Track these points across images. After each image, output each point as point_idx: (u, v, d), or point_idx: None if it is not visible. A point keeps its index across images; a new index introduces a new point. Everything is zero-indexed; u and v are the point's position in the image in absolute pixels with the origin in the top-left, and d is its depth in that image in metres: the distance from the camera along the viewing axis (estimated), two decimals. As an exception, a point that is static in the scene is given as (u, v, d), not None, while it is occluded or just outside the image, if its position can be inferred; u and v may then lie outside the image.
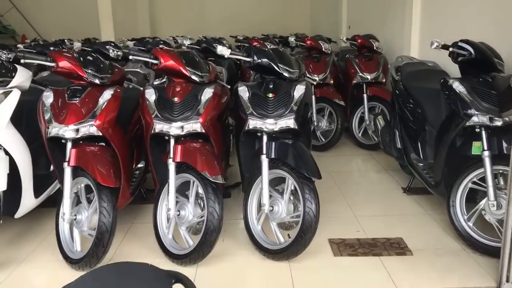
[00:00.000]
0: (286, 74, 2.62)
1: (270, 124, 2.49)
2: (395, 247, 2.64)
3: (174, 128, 2.47)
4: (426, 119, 3.25)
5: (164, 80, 2.92)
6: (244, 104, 2.57)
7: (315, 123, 4.68)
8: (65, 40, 9.04)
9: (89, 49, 4.94)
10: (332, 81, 4.78)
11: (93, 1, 8.18)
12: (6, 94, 2.57)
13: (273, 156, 2.51)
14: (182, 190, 2.62)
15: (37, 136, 2.69)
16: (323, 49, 4.82)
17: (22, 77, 2.67)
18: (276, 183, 2.66)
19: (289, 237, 2.50)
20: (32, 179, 2.74)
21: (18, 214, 2.77)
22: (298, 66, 2.72)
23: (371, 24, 6.19)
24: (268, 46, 4.86)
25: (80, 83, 2.59)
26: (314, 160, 2.49)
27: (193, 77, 2.61)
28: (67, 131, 2.42)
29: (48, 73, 3.57)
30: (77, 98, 2.49)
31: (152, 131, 2.52)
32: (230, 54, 2.63)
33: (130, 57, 2.56)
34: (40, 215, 3.10)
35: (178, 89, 2.57)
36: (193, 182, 2.51)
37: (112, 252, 2.67)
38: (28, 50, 5.09)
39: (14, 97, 2.57)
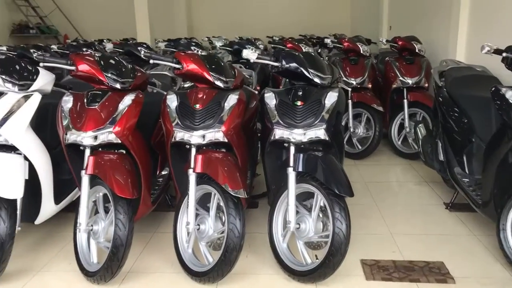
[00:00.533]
0: (317, 80, 2.42)
1: (298, 135, 2.30)
2: (435, 272, 2.38)
3: (195, 137, 2.32)
4: (473, 130, 2.95)
5: (193, 84, 2.79)
6: (270, 112, 2.39)
7: (351, 130, 4.43)
8: (104, 41, 9.20)
9: (121, 50, 4.92)
10: (370, 85, 4.51)
11: (131, 2, 8.23)
12: (27, 98, 2.50)
13: (300, 169, 2.31)
14: (204, 201, 2.46)
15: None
16: (361, 51, 4.56)
17: (44, 80, 2.60)
18: (304, 198, 2.46)
19: (317, 259, 2.30)
20: (52, 185, 2.67)
21: (38, 221, 2.70)
22: (330, 71, 2.51)
23: (414, 25, 5.86)
24: (303, 48, 4.67)
25: (100, 87, 2.49)
26: (346, 175, 2.27)
27: (217, 82, 2.45)
28: (85, 138, 2.31)
29: None
30: (96, 104, 2.38)
31: (173, 140, 2.38)
32: (257, 58, 2.45)
33: (151, 60, 2.43)
34: (62, 220, 3.04)
35: (200, 95, 2.42)
36: (214, 194, 2.35)
37: (131, 264, 2.56)
38: (61, 50, 5.12)
39: (34, 101, 2.50)
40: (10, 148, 2.43)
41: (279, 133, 2.33)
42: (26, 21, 10.90)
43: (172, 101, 2.44)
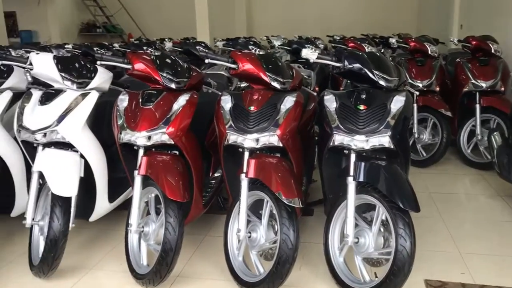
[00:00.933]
0: (382, 83, 2.22)
1: (359, 141, 2.12)
2: (512, 301, 2.12)
3: (249, 141, 2.21)
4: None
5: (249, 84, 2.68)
6: (329, 116, 2.23)
7: (416, 135, 4.14)
8: (165, 40, 9.37)
9: (180, 49, 4.94)
10: (437, 89, 4.20)
11: (193, 2, 8.30)
12: (84, 96, 2.50)
13: (361, 179, 2.13)
14: (257, 208, 2.35)
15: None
16: (429, 52, 4.25)
17: (101, 79, 2.60)
18: (364, 210, 2.28)
19: (376, 277, 2.11)
20: (106, 183, 2.67)
21: (92, 218, 2.71)
22: (397, 73, 2.31)
23: (489, 24, 5.42)
24: (366, 48, 4.44)
25: (155, 87, 2.44)
26: (412, 187, 2.07)
27: (274, 83, 2.32)
28: (139, 138, 2.28)
29: None
30: (151, 103, 2.34)
31: (226, 142, 2.28)
32: (317, 58, 2.29)
33: (206, 60, 2.35)
34: (115, 217, 3.04)
35: (256, 96, 2.30)
36: (267, 201, 2.23)
37: (181, 268, 2.50)
38: (123, 48, 5.21)
39: (91, 100, 2.50)
40: (66, 146, 2.45)
41: (339, 139, 2.17)
42: (94, 20, 11.38)
43: (227, 102, 2.35)
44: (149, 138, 2.29)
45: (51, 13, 10.52)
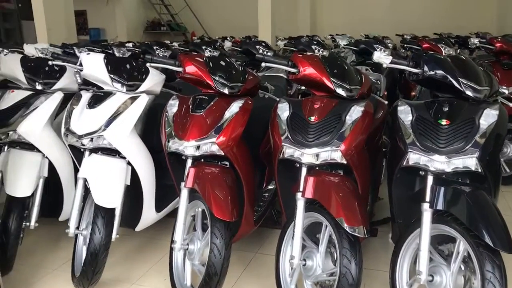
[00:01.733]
0: (469, 93, 1.87)
1: (439, 163, 1.78)
2: None
3: (307, 156, 1.94)
4: None
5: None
6: (404, 130, 1.90)
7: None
8: (227, 38, 9.28)
9: (239, 49, 4.74)
10: (527, 96, 3.68)
11: (255, 0, 8.11)
12: (134, 99, 2.36)
13: (440, 206, 1.79)
14: (314, 231, 2.08)
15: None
16: (518, 54, 3.74)
17: (153, 81, 2.44)
18: (439, 240, 1.94)
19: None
20: (154, 192, 2.51)
21: (138, 228, 2.58)
22: (488, 82, 1.94)
23: None
24: (443, 49, 4.01)
25: (207, 91, 2.24)
26: (504, 221, 1.71)
27: (339, 90, 2.04)
28: (187, 148, 2.08)
29: None
30: (202, 110, 2.14)
31: (281, 156, 2.03)
32: (391, 63, 1.97)
33: (263, 64, 2.11)
34: (163, 226, 2.88)
35: (317, 105, 2.03)
36: (326, 226, 1.95)
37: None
38: (182, 48, 5.10)
39: (140, 103, 2.34)
40: (114, 152, 2.32)
41: (414, 158, 1.84)
42: (159, 18, 11.55)
43: (284, 110, 2.10)
44: (198, 148, 2.09)
45: (118, 11, 10.79)
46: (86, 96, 2.39)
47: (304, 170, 1.99)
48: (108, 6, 10.82)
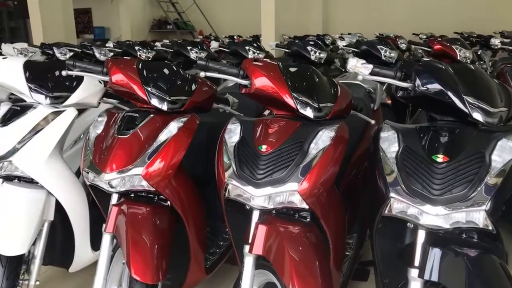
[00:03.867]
0: (479, 117, 1.34)
1: (433, 216, 1.27)
2: None
3: (257, 198, 1.45)
4: None
5: None
6: (385, 166, 1.39)
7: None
8: (234, 37, 8.81)
9: (227, 50, 4.27)
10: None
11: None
12: (57, 114, 1.90)
13: (433, 277, 1.28)
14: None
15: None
16: (548, 57, 3.16)
17: (85, 92, 1.99)
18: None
19: None
20: (88, 227, 2.06)
21: (72, 268, 2.12)
22: (506, 100, 1.40)
23: None
24: (457, 52, 3.45)
25: (144, 107, 1.77)
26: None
27: (303, 109, 1.53)
28: (102, 182, 1.61)
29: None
30: (130, 131, 1.66)
31: (226, 194, 1.54)
32: (372, 73, 1.46)
33: (202, 74, 1.60)
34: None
35: (273, 128, 1.53)
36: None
37: None
38: (164, 48, 4.65)
39: (64, 120, 1.89)
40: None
41: (399, 207, 1.33)
42: (165, 17, 11.15)
43: (233, 134, 1.60)
44: (124, 181, 1.62)
45: (123, 10, 10.43)
46: (3, 109, 1.95)
47: (255, 216, 1.50)
48: (113, 4, 10.47)
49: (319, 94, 1.57)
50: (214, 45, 4.24)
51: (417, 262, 1.32)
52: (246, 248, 1.47)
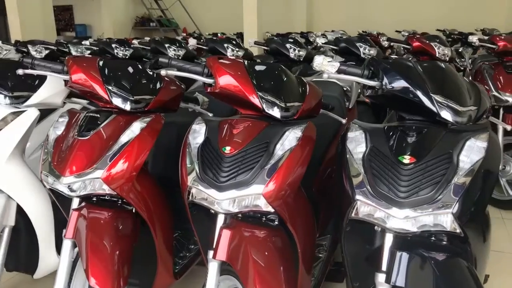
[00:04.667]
0: (447, 116, 1.30)
1: (400, 220, 1.22)
2: None
3: (221, 202, 1.39)
4: None
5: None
6: (351, 168, 1.34)
7: (500, 166, 3.06)
8: (218, 34, 8.73)
9: (205, 48, 4.20)
10: (535, 105, 3.09)
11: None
12: (17, 114, 1.82)
13: (399, 282, 1.24)
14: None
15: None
16: (525, 55, 3.15)
17: (49, 91, 1.92)
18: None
19: None
20: (53, 231, 1.98)
21: (37, 275, 2.05)
22: (475, 99, 1.37)
23: None
24: (436, 49, 3.43)
25: (106, 107, 1.69)
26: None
27: (269, 109, 1.48)
28: (61, 186, 1.54)
29: None
30: (91, 132, 1.59)
31: (189, 198, 1.48)
32: (338, 72, 1.41)
33: (163, 72, 1.54)
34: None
35: (238, 129, 1.47)
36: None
37: None
38: (141, 45, 4.55)
39: (24, 120, 1.82)
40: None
41: (365, 210, 1.28)
42: (149, 14, 11.00)
43: (197, 135, 1.54)
44: (85, 185, 1.55)
45: (105, 7, 10.26)
46: (-40, 110, 1.86)
47: (220, 220, 1.44)
48: (95, 2, 10.29)
49: (286, 93, 1.52)
50: (192, 42, 4.16)
51: (384, 266, 1.28)
52: (210, 253, 1.42)
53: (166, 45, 4.15)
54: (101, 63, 1.67)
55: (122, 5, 10.64)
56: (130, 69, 1.74)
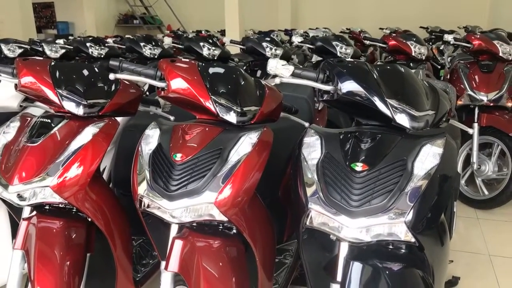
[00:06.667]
0: (403, 121, 1.26)
1: (352, 229, 1.18)
2: None
3: (173, 211, 1.34)
4: None
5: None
6: (305, 176, 1.30)
7: (476, 166, 3.06)
8: (202, 31, 8.65)
9: (180, 46, 4.12)
10: (510, 104, 3.08)
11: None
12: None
13: (352, 291, 1.21)
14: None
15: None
16: (500, 53, 3.13)
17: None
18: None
19: None
20: (9, 242, 1.92)
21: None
22: (432, 103, 1.33)
23: None
24: (412, 48, 3.41)
25: (60, 111, 1.63)
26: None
27: (224, 113, 1.43)
28: (10, 195, 1.47)
29: None
30: (41, 138, 1.53)
31: (141, 207, 1.42)
32: (293, 75, 1.36)
33: (111, 76, 1.48)
34: None
35: (191, 134, 1.41)
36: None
37: None
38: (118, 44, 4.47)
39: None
40: None
41: (319, 219, 1.24)
42: (132, 11, 10.87)
43: (150, 140, 1.48)
44: (34, 193, 1.49)
45: (87, 4, 10.09)
46: None
47: (173, 230, 1.39)
48: (77, -2, 10.15)
49: (242, 97, 1.46)
50: (167, 41, 4.08)
51: (339, 276, 1.25)
52: (162, 265, 1.37)
53: (142, 44, 4.07)
54: (53, 66, 1.60)
55: (104, 2, 10.49)
56: (85, 72, 1.67)
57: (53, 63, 1.61)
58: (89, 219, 1.59)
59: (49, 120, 1.57)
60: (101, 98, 1.63)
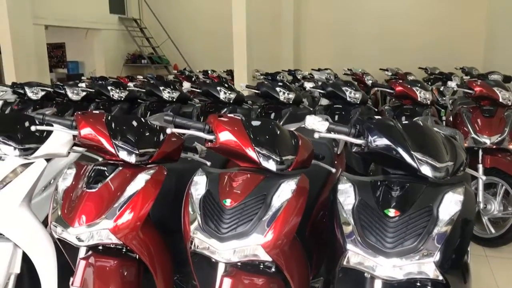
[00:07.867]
0: (427, 172, 1.44)
1: (386, 268, 1.34)
2: None
3: (223, 252, 1.50)
4: None
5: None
6: (342, 218, 1.47)
7: (482, 205, 3.22)
8: (208, 71, 8.95)
9: (199, 90, 4.35)
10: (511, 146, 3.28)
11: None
12: (26, 166, 1.93)
13: (388, 327, 1.35)
14: None
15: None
16: (500, 99, 3.35)
17: (55, 143, 2.02)
18: None
19: None
20: (56, 278, 2.04)
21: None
22: (451, 154, 1.52)
23: None
24: (418, 93, 3.63)
25: (112, 159, 1.81)
26: None
27: (265, 163, 1.61)
28: (70, 236, 1.63)
29: None
30: (98, 185, 1.70)
31: (192, 247, 1.58)
32: (328, 130, 1.55)
33: (168, 130, 1.68)
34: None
35: (237, 182, 1.60)
36: None
37: None
38: (137, 88, 4.71)
39: (34, 172, 1.92)
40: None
41: (356, 260, 1.40)
42: (140, 51, 11.25)
43: (199, 186, 1.66)
44: (91, 235, 1.64)
45: (97, 44, 10.48)
46: (-30, 161, 1.96)
47: (220, 269, 1.54)
48: (87, 39, 10.52)
49: (280, 147, 1.65)
50: (186, 85, 4.32)
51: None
52: (211, 302, 1.51)
53: (161, 88, 4.31)
54: (108, 118, 1.79)
55: (113, 42, 10.88)
56: (134, 123, 1.86)
57: (109, 116, 1.80)
58: (137, 257, 1.74)
59: (104, 168, 1.75)
60: (150, 147, 1.81)
